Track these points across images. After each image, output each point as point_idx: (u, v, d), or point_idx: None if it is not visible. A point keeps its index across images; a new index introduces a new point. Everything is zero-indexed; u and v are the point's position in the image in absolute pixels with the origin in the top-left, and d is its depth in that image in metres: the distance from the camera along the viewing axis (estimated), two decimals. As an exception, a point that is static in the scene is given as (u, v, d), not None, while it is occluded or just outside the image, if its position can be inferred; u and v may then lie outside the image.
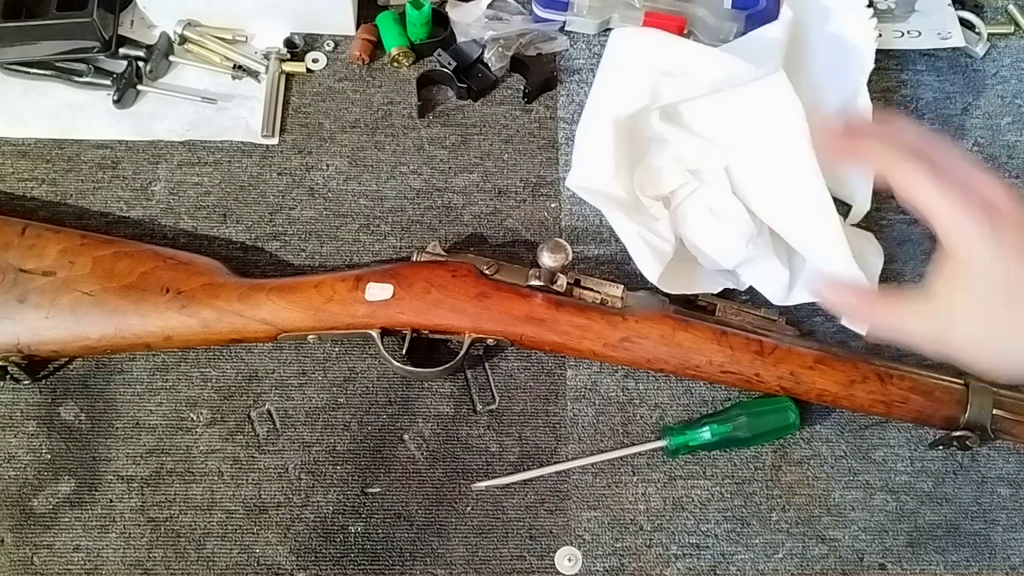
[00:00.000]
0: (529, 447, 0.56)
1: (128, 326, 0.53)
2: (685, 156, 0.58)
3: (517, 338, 0.55)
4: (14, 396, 0.57)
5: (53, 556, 0.53)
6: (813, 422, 0.57)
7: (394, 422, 0.57)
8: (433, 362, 0.57)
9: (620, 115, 0.58)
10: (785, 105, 0.54)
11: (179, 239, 0.61)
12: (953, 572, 0.54)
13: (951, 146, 0.43)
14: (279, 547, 0.54)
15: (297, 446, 0.56)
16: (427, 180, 0.64)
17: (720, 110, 0.58)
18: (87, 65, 0.64)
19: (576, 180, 0.59)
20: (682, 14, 0.67)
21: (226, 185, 0.63)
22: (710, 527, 0.55)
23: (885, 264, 0.62)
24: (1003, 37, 0.71)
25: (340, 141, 0.65)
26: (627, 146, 0.58)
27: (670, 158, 0.59)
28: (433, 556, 0.54)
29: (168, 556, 0.53)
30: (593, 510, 0.55)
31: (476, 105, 0.67)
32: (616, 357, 0.55)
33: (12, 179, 0.63)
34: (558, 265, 0.52)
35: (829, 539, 0.55)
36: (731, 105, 0.57)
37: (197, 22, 0.66)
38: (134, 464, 0.55)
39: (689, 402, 0.58)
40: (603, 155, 0.58)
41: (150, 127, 0.65)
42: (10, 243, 0.55)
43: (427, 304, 0.54)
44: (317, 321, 0.54)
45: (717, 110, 0.58)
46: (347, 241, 0.62)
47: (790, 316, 0.58)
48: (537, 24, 0.68)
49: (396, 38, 0.67)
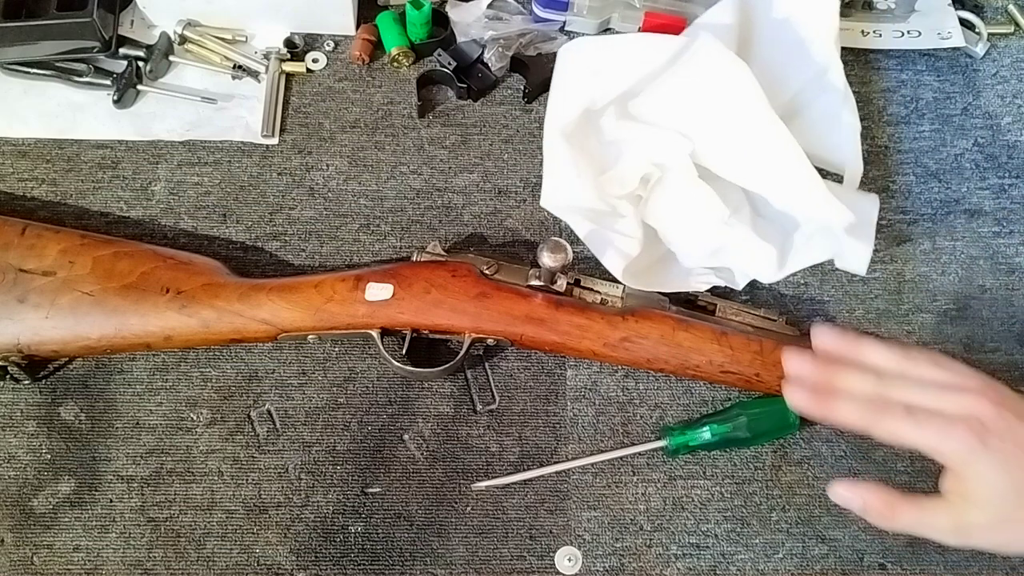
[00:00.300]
0: (529, 447, 0.56)
1: (128, 326, 0.53)
2: (647, 150, 0.58)
3: (517, 338, 0.55)
4: (14, 396, 0.57)
5: (53, 556, 0.53)
6: (813, 422, 0.57)
7: (394, 422, 0.57)
8: (433, 362, 0.57)
9: (566, 127, 0.58)
10: (722, 62, 0.55)
11: (179, 239, 0.61)
12: (953, 572, 0.54)
13: (918, 356, 0.45)
14: (279, 547, 0.54)
15: (297, 446, 0.56)
16: (427, 180, 0.64)
17: (665, 93, 0.58)
18: (87, 65, 0.64)
19: (545, 200, 0.58)
20: (682, 14, 0.67)
21: (226, 185, 0.63)
22: (710, 527, 0.55)
23: (886, 264, 0.62)
24: (1003, 37, 0.71)
25: (340, 141, 0.65)
26: (586, 156, 0.58)
27: (632, 156, 0.58)
28: (433, 556, 0.54)
29: (168, 556, 0.53)
30: (593, 510, 0.55)
31: (476, 105, 0.67)
32: (616, 357, 0.55)
33: (12, 179, 0.63)
34: (558, 265, 0.52)
35: (829, 539, 0.55)
36: (674, 83, 0.57)
37: (197, 22, 0.67)
38: (134, 464, 0.55)
39: (689, 402, 0.58)
40: (563, 170, 0.57)
41: (150, 127, 0.65)
42: (10, 243, 0.55)
43: (427, 304, 0.54)
44: (317, 321, 0.54)
45: (664, 94, 0.58)
46: (347, 241, 0.62)
47: (790, 316, 0.58)
48: (537, 24, 0.68)
49: (396, 38, 0.67)
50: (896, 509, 0.44)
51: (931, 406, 0.43)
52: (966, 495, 0.43)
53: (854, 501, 0.45)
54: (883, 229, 0.63)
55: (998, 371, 0.59)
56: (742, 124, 0.55)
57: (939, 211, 0.65)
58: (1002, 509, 0.43)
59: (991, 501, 0.43)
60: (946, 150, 0.67)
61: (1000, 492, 0.43)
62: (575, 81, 0.60)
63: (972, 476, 0.43)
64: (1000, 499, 0.43)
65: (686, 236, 0.58)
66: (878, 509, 0.45)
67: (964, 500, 0.43)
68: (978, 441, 0.42)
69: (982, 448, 0.42)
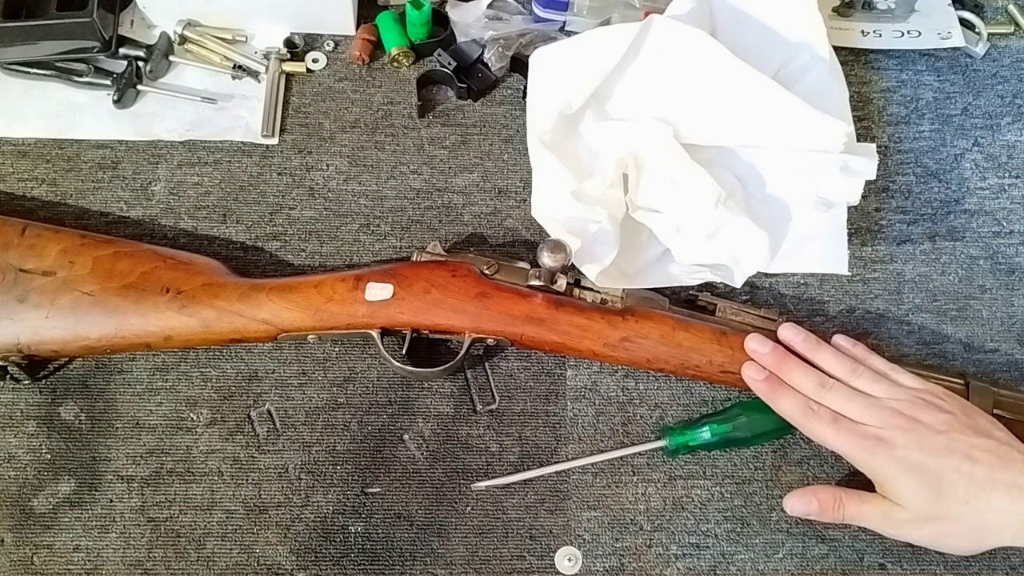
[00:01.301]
0: (529, 447, 0.56)
1: (128, 326, 0.53)
2: (627, 144, 0.58)
3: (517, 338, 0.55)
4: (14, 396, 0.56)
5: (53, 556, 0.53)
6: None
7: (394, 422, 0.57)
8: (433, 362, 0.57)
9: (544, 135, 0.59)
10: (678, 34, 0.56)
11: (179, 239, 0.61)
12: (953, 572, 0.54)
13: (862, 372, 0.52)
14: (279, 547, 0.54)
15: (297, 446, 0.56)
16: (427, 180, 0.64)
17: (635, 82, 0.59)
18: (87, 65, 0.64)
19: (535, 210, 0.59)
20: (682, 14, 0.67)
21: (226, 185, 0.63)
22: (710, 527, 0.55)
23: (886, 264, 0.62)
24: (1003, 37, 0.71)
25: (340, 141, 0.65)
26: (568, 161, 0.58)
27: (612, 153, 0.58)
28: (433, 556, 0.54)
29: (168, 556, 0.53)
30: (593, 510, 0.55)
31: (476, 105, 0.67)
32: (616, 357, 0.55)
33: (12, 179, 0.63)
34: (558, 265, 0.52)
35: (829, 539, 0.55)
36: (640, 70, 0.59)
37: (197, 22, 0.67)
38: (134, 464, 0.55)
39: (689, 402, 0.58)
40: (544, 180, 0.58)
41: (150, 127, 0.65)
42: (10, 243, 0.55)
43: (427, 304, 0.54)
44: (317, 321, 0.54)
45: (634, 83, 0.59)
46: (347, 241, 0.62)
47: (790, 316, 0.58)
48: (537, 24, 0.68)
49: (396, 38, 0.67)
50: (843, 502, 0.50)
51: (855, 418, 0.50)
52: (887, 495, 0.50)
53: (810, 504, 0.51)
54: (883, 229, 0.63)
55: (998, 371, 0.59)
56: (716, 85, 0.57)
57: (939, 211, 0.65)
58: (920, 509, 0.48)
59: (908, 502, 0.49)
60: (946, 150, 0.67)
61: (912, 494, 0.48)
62: (546, 87, 0.60)
63: (885, 481, 0.49)
64: (915, 500, 0.48)
65: (681, 222, 0.57)
66: (829, 503, 0.50)
67: (888, 498, 0.49)
68: (886, 453, 0.48)
69: (889, 459, 0.48)
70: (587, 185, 0.57)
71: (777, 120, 0.57)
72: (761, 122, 0.58)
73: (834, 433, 0.50)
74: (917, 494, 0.48)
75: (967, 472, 0.47)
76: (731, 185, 0.58)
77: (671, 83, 0.58)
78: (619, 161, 0.57)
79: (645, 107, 0.59)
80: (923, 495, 0.48)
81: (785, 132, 0.57)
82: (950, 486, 0.47)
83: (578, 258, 0.55)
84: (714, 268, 0.58)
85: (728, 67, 0.56)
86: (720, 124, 0.58)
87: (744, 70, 0.56)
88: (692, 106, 0.58)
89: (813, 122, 0.56)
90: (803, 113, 0.56)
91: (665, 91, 0.59)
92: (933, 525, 0.49)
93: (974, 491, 0.47)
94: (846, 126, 0.56)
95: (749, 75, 0.56)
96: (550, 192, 0.58)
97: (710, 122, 0.58)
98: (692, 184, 0.56)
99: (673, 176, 0.57)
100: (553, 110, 0.59)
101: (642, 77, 0.59)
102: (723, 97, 0.57)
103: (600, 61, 0.58)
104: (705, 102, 0.58)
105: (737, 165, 0.61)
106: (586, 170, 0.59)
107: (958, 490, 0.47)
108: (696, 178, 0.56)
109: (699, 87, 0.58)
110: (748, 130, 0.58)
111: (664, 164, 0.57)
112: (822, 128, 0.56)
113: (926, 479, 0.48)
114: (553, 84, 0.60)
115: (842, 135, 0.56)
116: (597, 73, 0.59)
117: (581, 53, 0.59)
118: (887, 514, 0.49)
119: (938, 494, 0.48)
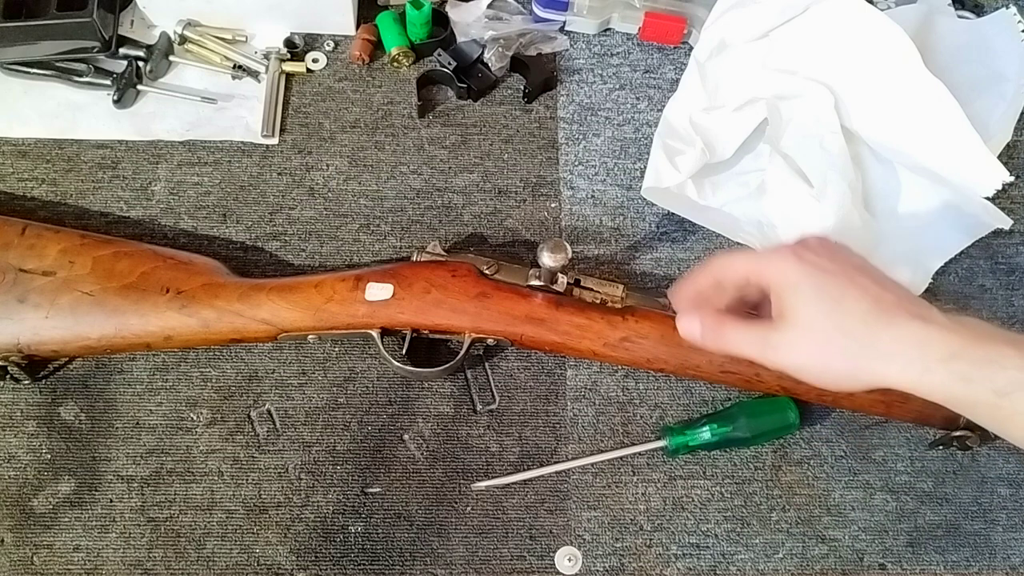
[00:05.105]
0: (529, 447, 0.56)
1: (128, 326, 0.53)
2: (785, 90, 0.59)
3: (517, 338, 0.55)
4: (14, 396, 0.57)
5: (53, 556, 0.53)
6: (813, 422, 0.57)
7: (394, 422, 0.57)
8: (433, 362, 0.57)
9: (700, 54, 0.61)
10: (875, 25, 0.56)
11: (179, 239, 0.61)
12: (953, 572, 0.54)
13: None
14: (279, 547, 0.54)
15: (297, 446, 0.56)
16: (427, 180, 0.64)
17: (810, 46, 0.59)
18: (87, 65, 0.64)
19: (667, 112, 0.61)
20: (682, 14, 0.67)
21: (226, 185, 0.63)
22: (710, 527, 0.55)
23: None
24: (1003, 37, 0.71)
25: (340, 141, 0.65)
26: (709, 83, 0.60)
27: (762, 91, 0.60)
28: (433, 556, 0.54)
29: (168, 556, 0.53)
30: (593, 510, 0.55)
31: (476, 105, 0.67)
32: (616, 357, 0.55)
33: (12, 179, 0.63)
34: (558, 265, 0.52)
35: (829, 539, 0.55)
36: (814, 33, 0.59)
37: (197, 22, 0.67)
38: (134, 464, 0.55)
39: (689, 402, 0.58)
40: (685, 93, 0.61)
41: (150, 127, 0.65)
42: (10, 243, 0.55)
43: (427, 304, 0.54)
44: (317, 321, 0.54)
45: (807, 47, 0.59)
46: (347, 241, 0.62)
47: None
48: (537, 24, 0.68)
49: (396, 38, 0.67)
50: (724, 326, 0.47)
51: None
52: (782, 312, 0.45)
53: (693, 325, 0.48)
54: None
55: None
56: (893, 83, 0.55)
57: (939, 211, 0.65)
58: (808, 321, 0.45)
59: (800, 312, 0.45)
60: (946, 150, 0.67)
61: (808, 304, 0.44)
62: (726, 12, 0.61)
63: (784, 290, 0.45)
64: (808, 310, 0.44)
65: (797, 183, 0.58)
66: (711, 325, 0.48)
67: (781, 318, 0.45)
68: (794, 257, 0.45)
69: (797, 262, 0.45)
70: (713, 112, 0.59)
71: (943, 141, 0.55)
72: (925, 136, 0.56)
73: (752, 259, 0.48)
74: (813, 304, 0.44)
75: (875, 294, 0.44)
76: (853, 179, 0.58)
77: (846, 63, 0.58)
78: (762, 103, 0.58)
79: (808, 71, 0.59)
80: (820, 306, 0.44)
81: (945, 155, 0.56)
82: (852, 302, 0.44)
83: (665, 162, 0.57)
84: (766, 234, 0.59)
85: (914, 73, 0.55)
86: (881, 122, 0.57)
87: (930, 81, 0.55)
88: (859, 94, 0.57)
89: (979, 158, 0.54)
90: (973, 145, 0.54)
91: (838, 68, 0.58)
92: (815, 342, 0.45)
93: (877, 311, 0.44)
94: (1006, 174, 0.54)
95: (934, 87, 0.54)
96: (684, 101, 0.60)
97: (872, 116, 0.57)
98: (835, 157, 0.56)
99: (822, 143, 0.57)
100: (718, 36, 0.61)
101: (818, 46, 0.58)
102: (896, 98, 0.56)
103: (784, 11, 0.59)
104: (875, 95, 0.57)
105: (874, 168, 0.61)
106: (719, 99, 0.60)
107: (860, 306, 0.44)
108: (840, 156, 0.56)
109: (875, 79, 0.56)
110: (907, 139, 0.57)
111: (818, 123, 0.58)
112: (984, 167, 0.54)
113: (829, 290, 0.44)
114: (731, 13, 0.61)
115: (999, 182, 0.54)
116: (776, 20, 0.59)
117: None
118: (766, 338, 0.46)
119: (836, 306, 0.44)
